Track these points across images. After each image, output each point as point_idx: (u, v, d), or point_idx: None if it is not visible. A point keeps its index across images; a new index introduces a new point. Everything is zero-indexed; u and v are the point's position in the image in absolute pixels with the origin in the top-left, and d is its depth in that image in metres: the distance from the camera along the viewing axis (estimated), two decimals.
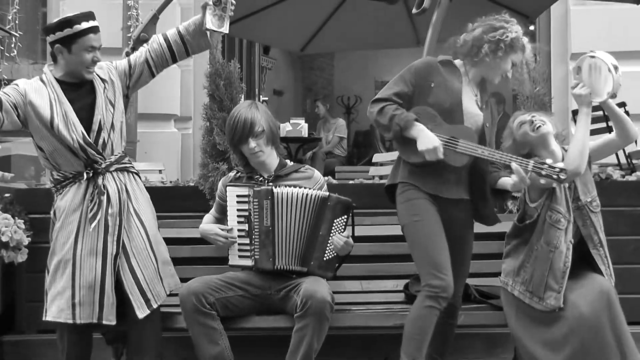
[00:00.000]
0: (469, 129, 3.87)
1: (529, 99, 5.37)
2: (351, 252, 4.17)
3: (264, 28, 7.69)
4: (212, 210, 4.37)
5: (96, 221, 3.93)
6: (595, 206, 3.97)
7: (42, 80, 4.01)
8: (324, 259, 4.12)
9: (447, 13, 5.46)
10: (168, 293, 4.11)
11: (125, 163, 4.11)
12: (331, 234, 4.11)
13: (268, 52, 12.06)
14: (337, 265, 4.18)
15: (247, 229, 4.13)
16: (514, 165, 3.71)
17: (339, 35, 8.20)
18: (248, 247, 4.13)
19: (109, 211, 3.97)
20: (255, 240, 4.11)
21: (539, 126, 3.94)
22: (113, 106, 4.08)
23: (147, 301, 4.00)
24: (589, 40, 7.71)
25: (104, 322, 3.94)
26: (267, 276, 4.15)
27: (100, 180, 3.98)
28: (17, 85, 3.97)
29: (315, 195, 4.11)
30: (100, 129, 3.99)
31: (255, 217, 4.10)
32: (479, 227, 4.12)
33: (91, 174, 3.99)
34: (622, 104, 6.86)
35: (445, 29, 5.57)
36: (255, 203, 4.10)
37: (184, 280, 4.19)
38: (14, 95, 3.90)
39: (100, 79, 4.08)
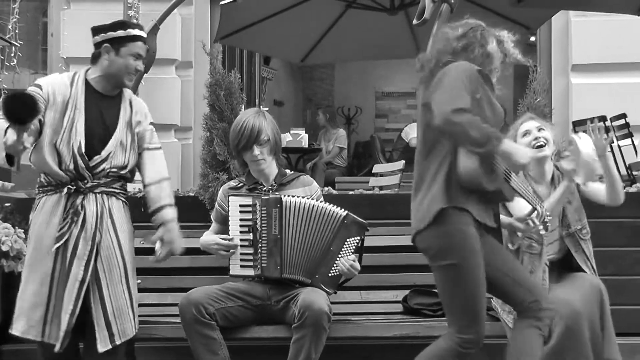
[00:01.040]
0: None
1: (529, 110, 5.36)
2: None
3: (264, 39, 7.70)
4: (212, 226, 4.36)
5: (61, 242, 3.75)
6: (584, 234, 4.01)
7: (69, 78, 3.89)
8: (329, 274, 4.13)
9: (447, 23, 5.46)
10: (134, 333, 3.89)
11: (114, 187, 3.91)
12: (341, 252, 4.12)
13: (268, 63, 12.07)
14: (340, 282, 4.19)
15: (250, 238, 4.13)
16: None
17: (339, 46, 8.21)
18: (251, 257, 4.13)
19: (82, 234, 3.77)
20: (263, 248, 4.10)
21: (541, 145, 3.94)
22: (125, 143, 3.93)
23: (112, 335, 3.77)
24: (589, 51, 7.72)
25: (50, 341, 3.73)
26: (266, 286, 4.15)
27: (79, 200, 3.80)
28: (41, 88, 3.80)
29: (334, 212, 4.12)
30: (107, 157, 3.85)
31: (263, 225, 4.10)
32: None
33: (72, 190, 3.81)
34: (622, 115, 6.88)
35: None
36: (263, 211, 4.09)
37: (183, 290, 4.19)
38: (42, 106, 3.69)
39: (131, 107, 3.99)
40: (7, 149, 3.30)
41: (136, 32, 3.93)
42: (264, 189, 4.22)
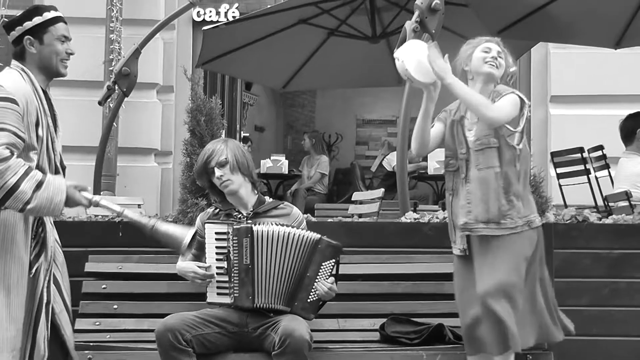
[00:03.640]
0: None
1: None
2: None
3: (246, 65, 7.73)
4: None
5: (38, 263, 3.46)
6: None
7: (22, 78, 3.48)
8: (308, 300, 4.11)
9: None
10: None
11: None
12: (318, 277, 4.11)
13: (250, 88, 12.10)
14: (319, 307, 4.18)
15: (225, 266, 4.11)
16: None
17: (320, 73, 8.25)
18: (227, 285, 4.11)
19: (47, 253, 3.50)
20: (235, 278, 4.09)
21: (493, 66, 3.97)
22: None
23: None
24: (568, 83, 7.81)
25: None
26: (244, 313, 4.13)
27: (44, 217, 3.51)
28: (16, 103, 3.35)
29: (306, 237, 4.11)
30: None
31: (235, 254, 4.09)
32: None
33: None
34: (599, 147, 6.94)
35: None
36: (234, 241, 4.09)
37: (160, 316, 4.16)
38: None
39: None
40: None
41: (53, 14, 3.58)
42: (239, 216, 4.21)
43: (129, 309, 4.57)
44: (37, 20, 3.54)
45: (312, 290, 4.11)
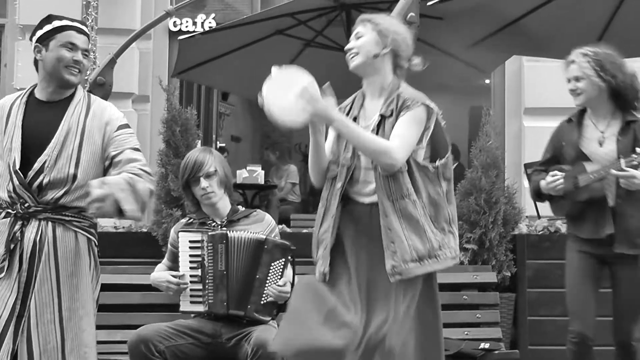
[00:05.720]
0: None
1: (482, 152, 5.43)
2: None
3: (222, 75, 7.71)
4: (165, 259, 4.34)
5: (4, 273, 3.36)
6: None
7: (19, 95, 3.58)
8: (261, 302, 4.11)
9: None
10: None
11: (65, 215, 3.44)
12: (269, 278, 4.10)
13: (227, 98, 12.08)
14: (275, 309, 4.17)
15: (199, 274, 4.11)
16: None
17: None
18: (201, 293, 4.11)
19: (22, 266, 3.37)
20: (210, 284, 4.09)
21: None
22: (73, 148, 3.46)
23: None
24: (542, 95, 7.87)
25: None
26: (218, 324, 4.13)
27: (17, 226, 3.39)
28: None
29: (253, 239, 4.11)
30: (42, 168, 3.40)
31: (210, 261, 4.09)
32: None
33: (12, 214, 3.40)
34: None
35: None
36: (209, 247, 4.09)
37: (134, 327, 4.15)
38: None
39: (87, 106, 3.56)
40: None
41: (64, 22, 3.55)
42: (213, 224, 4.22)
43: (102, 320, 4.53)
44: (46, 28, 3.54)
45: (264, 292, 4.10)
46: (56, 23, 3.54)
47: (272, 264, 4.11)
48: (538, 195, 4.13)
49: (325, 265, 3.30)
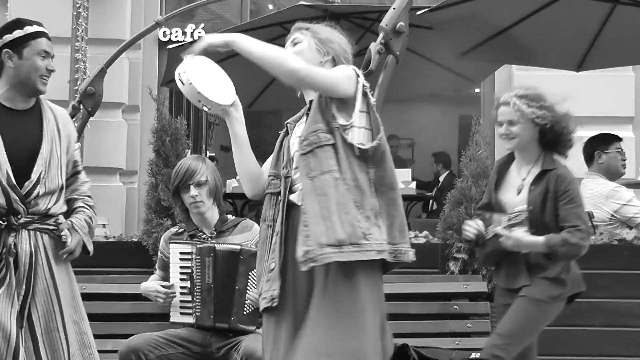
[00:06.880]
0: None
1: (472, 161, 5.44)
2: None
3: None
4: (157, 270, 4.34)
5: (5, 286, 3.31)
6: None
7: None
8: (244, 313, 4.09)
9: (393, 74, 5.56)
10: None
11: (48, 224, 3.45)
12: (248, 287, 4.09)
13: None
14: (259, 317, 4.16)
15: (188, 286, 4.11)
16: None
17: (286, 93, 8.19)
18: (190, 305, 4.11)
19: (15, 277, 3.32)
20: (197, 297, 4.09)
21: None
22: (59, 157, 3.47)
23: None
24: None
25: None
26: (208, 333, 4.12)
27: (11, 238, 3.34)
28: None
29: (231, 250, 4.09)
30: (39, 179, 3.38)
31: (198, 274, 4.08)
32: (419, 288, 4.12)
33: (3, 226, 3.35)
34: None
35: (391, 90, 5.65)
36: (197, 260, 4.09)
37: (124, 336, 4.15)
38: None
39: (53, 114, 3.53)
40: None
41: (36, 28, 3.44)
42: (203, 236, 4.21)
43: (92, 329, 4.52)
44: (17, 33, 3.41)
45: (245, 302, 4.08)
46: (29, 29, 3.43)
47: (250, 274, 4.09)
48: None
49: (275, 287, 2.94)
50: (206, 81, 3.04)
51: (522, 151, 3.89)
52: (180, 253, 4.14)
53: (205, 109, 3.05)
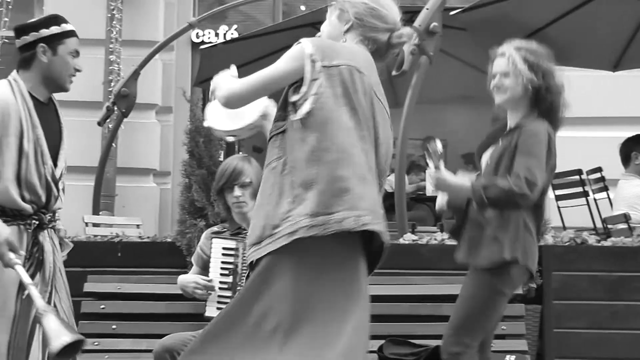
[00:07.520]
0: None
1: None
2: None
3: None
4: (193, 267, 4.34)
5: (38, 287, 3.22)
6: None
7: (11, 89, 3.34)
8: None
9: (426, 75, 5.54)
10: None
11: (58, 219, 3.50)
12: None
13: None
14: None
15: (230, 281, 4.11)
16: None
17: None
18: (229, 300, 4.10)
19: (41, 276, 3.32)
20: None
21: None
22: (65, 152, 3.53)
23: None
24: (567, 105, 7.83)
25: None
26: None
27: (41, 237, 3.34)
28: None
29: None
30: (61, 176, 3.42)
31: (244, 269, 4.08)
32: (453, 289, 4.09)
33: (37, 224, 3.33)
34: (598, 169, 6.95)
35: (425, 91, 5.64)
36: (245, 256, 4.08)
37: (158, 336, 4.14)
38: None
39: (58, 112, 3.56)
40: None
41: (70, 27, 3.45)
42: (247, 233, 4.21)
43: (127, 329, 4.57)
44: (54, 29, 3.40)
45: None
46: (65, 27, 3.43)
47: None
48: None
49: None
50: (222, 118, 3.21)
51: (512, 109, 3.59)
52: (224, 248, 4.13)
53: (233, 138, 3.32)
